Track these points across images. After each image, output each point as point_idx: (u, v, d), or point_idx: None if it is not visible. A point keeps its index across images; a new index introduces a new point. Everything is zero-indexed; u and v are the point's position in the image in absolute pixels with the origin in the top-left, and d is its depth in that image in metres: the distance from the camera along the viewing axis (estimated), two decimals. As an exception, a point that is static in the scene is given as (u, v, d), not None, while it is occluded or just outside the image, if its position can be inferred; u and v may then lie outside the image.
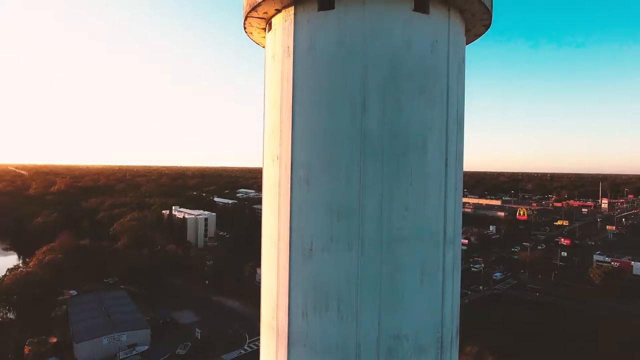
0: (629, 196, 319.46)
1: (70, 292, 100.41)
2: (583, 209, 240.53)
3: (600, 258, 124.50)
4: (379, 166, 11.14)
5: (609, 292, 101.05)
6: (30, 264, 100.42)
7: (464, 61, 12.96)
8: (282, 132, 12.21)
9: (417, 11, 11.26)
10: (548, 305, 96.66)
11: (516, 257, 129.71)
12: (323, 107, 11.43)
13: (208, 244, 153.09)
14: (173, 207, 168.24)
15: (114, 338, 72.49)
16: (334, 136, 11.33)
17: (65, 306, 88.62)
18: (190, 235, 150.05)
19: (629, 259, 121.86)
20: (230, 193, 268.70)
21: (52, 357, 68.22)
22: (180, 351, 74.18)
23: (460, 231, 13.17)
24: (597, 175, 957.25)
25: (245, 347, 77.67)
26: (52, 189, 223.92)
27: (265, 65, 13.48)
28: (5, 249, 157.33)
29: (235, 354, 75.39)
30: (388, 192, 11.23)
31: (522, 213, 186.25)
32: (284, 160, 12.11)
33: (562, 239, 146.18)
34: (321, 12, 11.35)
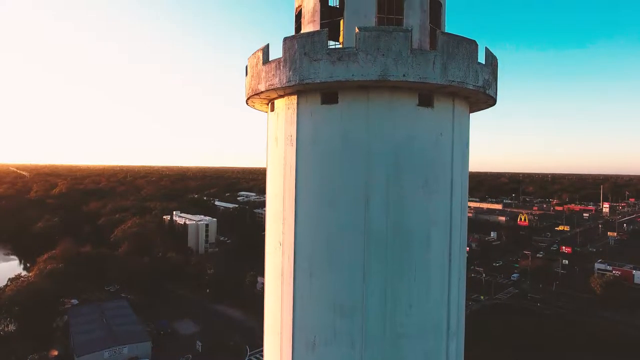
0: (630, 199, 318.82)
1: (71, 300, 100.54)
2: (584, 214, 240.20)
3: (602, 266, 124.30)
4: (383, 263, 11.14)
5: (610, 302, 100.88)
6: (32, 273, 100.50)
7: (468, 144, 12.93)
8: (285, 220, 12.23)
9: (421, 106, 11.24)
10: (549, 317, 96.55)
11: (517, 265, 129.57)
12: (326, 200, 11.41)
13: (209, 249, 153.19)
14: (174, 212, 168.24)
15: (115, 351, 72.60)
16: (338, 230, 11.31)
17: (66, 316, 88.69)
18: (191, 241, 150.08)
19: (631, 268, 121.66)
20: (231, 196, 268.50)
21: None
22: (181, 363, 74.34)
23: (464, 320, 13.19)
24: (598, 175, 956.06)
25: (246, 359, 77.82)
26: (53, 191, 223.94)
27: (268, 144, 13.47)
28: (7, 254, 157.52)
29: (236, 366, 75.55)
30: (392, 288, 11.26)
31: (523, 219, 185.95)
32: (287, 249, 12.14)
33: (564, 247, 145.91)
34: (325, 105, 11.32)
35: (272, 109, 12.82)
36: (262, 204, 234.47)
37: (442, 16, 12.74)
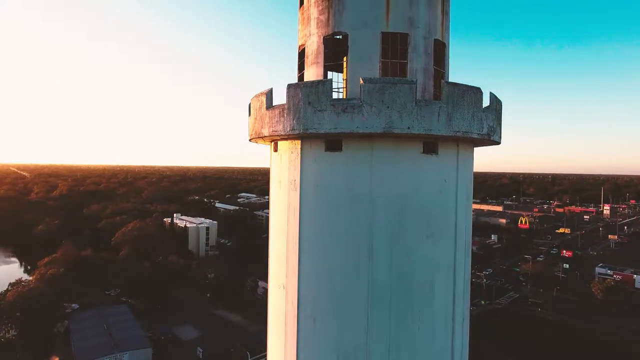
0: (631, 201, 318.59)
1: (72, 305, 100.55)
2: (585, 216, 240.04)
3: (603, 271, 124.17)
4: (387, 311, 11.11)
5: (610, 307, 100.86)
6: (33, 277, 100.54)
7: (471, 186, 12.89)
8: (288, 263, 12.21)
9: (426, 153, 11.20)
10: (549, 322, 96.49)
11: (518, 269, 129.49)
12: (330, 247, 11.38)
13: (209, 252, 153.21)
14: (174, 215, 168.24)
15: (115, 358, 72.59)
16: (342, 277, 11.28)
17: (67, 321, 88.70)
18: (191, 244, 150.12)
19: (632, 272, 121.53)
20: (232, 198, 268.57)
21: (55, 377, 68.44)
22: (182, 370, 74.30)
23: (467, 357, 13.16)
24: (599, 176, 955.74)
25: (247, 366, 77.76)
26: (54, 193, 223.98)
27: (271, 184, 13.43)
28: (8, 257, 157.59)
29: (236, 372, 75.51)
30: (395, 337, 11.22)
31: (523, 221, 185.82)
32: (291, 293, 12.12)
33: (564, 250, 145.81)
34: (328, 152, 11.28)
35: (276, 149, 12.80)
36: (263, 206, 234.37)
37: (446, 56, 12.71)
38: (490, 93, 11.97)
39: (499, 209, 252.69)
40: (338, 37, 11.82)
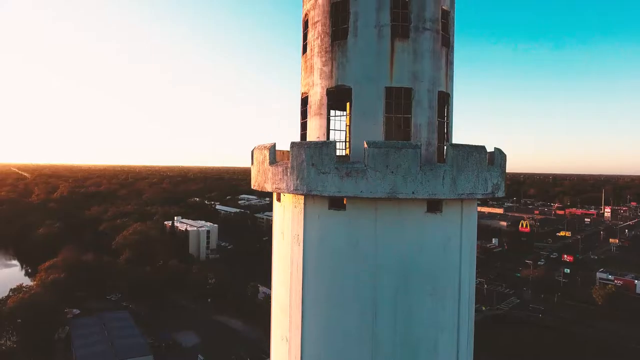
0: (632, 203, 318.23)
1: (73, 310, 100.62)
2: (586, 219, 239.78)
3: (604, 276, 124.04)
4: (391, 372, 11.01)
5: (611, 314, 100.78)
6: (34, 283, 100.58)
7: (475, 239, 12.80)
8: (291, 317, 12.14)
9: (430, 212, 11.12)
10: (551, 328, 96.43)
11: (519, 274, 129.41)
12: (334, 305, 11.31)
13: (210, 256, 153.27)
14: (175, 218, 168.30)
15: (116, 365, 72.62)
16: (345, 336, 11.21)
17: (67, 327, 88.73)
18: (192, 248, 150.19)
19: (633, 277, 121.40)
20: (232, 199, 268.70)
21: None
22: (183, 378, 74.32)
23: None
24: (600, 176, 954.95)
25: (248, 373, 77.78)
26: (55, 195, 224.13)
27: (274, 234, 13.37)
28: (9, 260, 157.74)
29: (237, 380, 75.50)
30: (399, 400, 11.13)
31: (524, 225, 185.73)
32: (294, 348, 12.05)
33: (565, 255, 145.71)
34: (332, 210, 11.21)
35: (279, 199, 12.74)
36: (263, 208, 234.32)
37: (450, 106, 12.63)
38: (495, 149, 11.90)
39: (500, 211, 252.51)
40: (341, 90, 11.78)
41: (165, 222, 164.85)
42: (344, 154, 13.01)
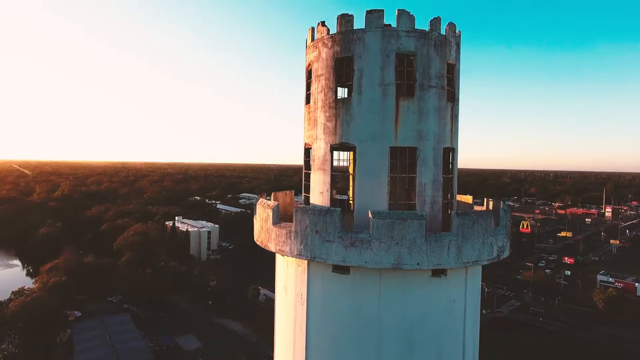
0: (633, 202, 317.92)
1: (74, 313, 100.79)
2: (587, 219, 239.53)
3: (604, 278, 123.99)
4: None
5: (612, 317, 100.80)
6: (35, 286, 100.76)
7: (479, 300, 12.68)
8: (296, 379, 12.05)
9: (434, 276, 11.03)
10: (551, 332, 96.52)
11: (519, 277, 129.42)
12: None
13: (211, 257, 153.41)
14: (176, 218, 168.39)
15: (118, 371, 72.84)
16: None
17: (69, 330, 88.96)
18: (193, 249, 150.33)
19: (633, 280, 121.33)
20: (233, 198, 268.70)
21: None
22: (184, 383, 74.52)
23: None
24: (601, 173, 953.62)
25: (249, 379, 77.96)
26: (56, 193, 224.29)
27: (277, 287, 13.27)
28: (10, 260, 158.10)
29: (238, 385, 75.68)
30: None
31: (525, 226, 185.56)
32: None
33: (566, 257, 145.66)
34: (335, 273, 11.11)
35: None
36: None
37: (455, 159, 12.50)
38: (503, 203, 11.79)
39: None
40: (345, 147, 11.65)
41: (166, 223, 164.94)
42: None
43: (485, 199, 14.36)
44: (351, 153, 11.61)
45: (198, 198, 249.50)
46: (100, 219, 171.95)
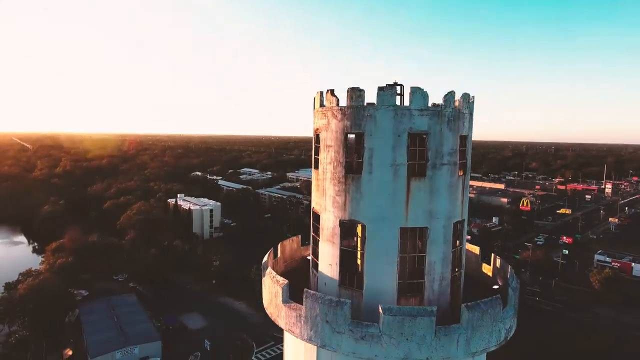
0: (633, 178, 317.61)
1: (81, 292, 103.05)
2: (587, 195, 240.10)
3: (602, 258, 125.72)
4: None
5: (607, 298, 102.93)
6: (42, 268, 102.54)
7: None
8: None
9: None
10: (546, 312, 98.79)
11: (517, 256, 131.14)
12: None
13: (214, 234, 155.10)
14: (178, 196, 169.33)
15: (127, 351, 75.05)
16: None
17: (77, 310, 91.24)
18: (196, 227, 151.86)
19: (630, 260, 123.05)
20: (234, 174, 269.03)
21: (69, 370, 71.31)
22: (190, 362, 77.01)
23: None
24: (603, 145, 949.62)
25: (253, 358, 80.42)
26: (57, 170, 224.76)
27: (286, 348, 13.50)
28: (16, 237, 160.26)
29: (243, 364, 78.19)
30: None
31: (525, 203, 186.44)
32: None
33: (564, 237, 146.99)
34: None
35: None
36: (265, 184, 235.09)
37: (464, 230, 12.45)
38: (510, 271, 11.83)
39: (501, 186, 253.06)
40: (354, 223, 11.57)
41: (169, 200, 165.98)
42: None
43: (492, 255, 14.42)
44: (360, 227, 11.56)
45: (199, 174, 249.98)
46: (102, 196, 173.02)
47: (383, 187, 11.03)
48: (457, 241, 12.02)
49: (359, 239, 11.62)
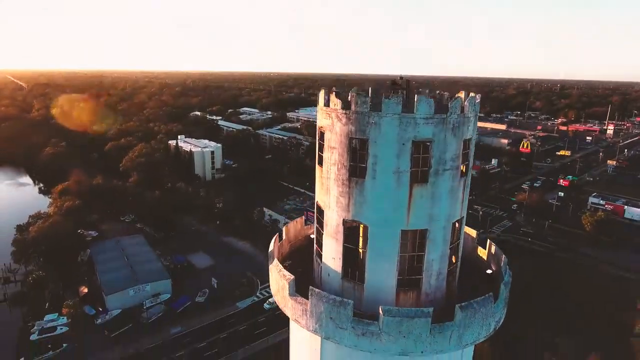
0: (637, 119, 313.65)
1: (90, 232, 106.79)
2: (587, 137, 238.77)
3: (596, 200, 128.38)
4: None
5: (597, 239, 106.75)
6: (50, 210, 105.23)
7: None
8: None
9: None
10: (536, 252, 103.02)
11: (514, 198, 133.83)
12: None
13: (216, 176, 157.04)
14: (179, 137, 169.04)
15: (139, 289, 79.67)
16: None
17: (88, 250, 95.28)
18: (197, 168, 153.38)
19: (623, 203, 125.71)
20: (234, 113, 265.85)
21: (87, 306, 76.28)
22: (199, 299, 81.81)
23: None
24: (609, 83, 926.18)
25: (258, 294, 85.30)
26: (55, 110, 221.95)
27: (292, 337, 14.68)
28: (21, 178, 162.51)
29: (249, 301, 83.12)
30: None
31: (525, 145, 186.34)
32: None
33: (561, 180, 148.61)
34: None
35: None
36: (265, 124, 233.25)
37: (462, 226, 13.03)
38: (504, 261, 12.55)
39: (503, 127, 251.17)
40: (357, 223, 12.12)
41: (169, 142, 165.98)
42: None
43: (488, 241, 15.19)
44: (362, 227, 12.16)
45: (199, 114, 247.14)
46: (103, 137, 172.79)
47: (386, 193, 11.43)
48: (456, 238, 12.68)
49: (361, 238, 12.26)
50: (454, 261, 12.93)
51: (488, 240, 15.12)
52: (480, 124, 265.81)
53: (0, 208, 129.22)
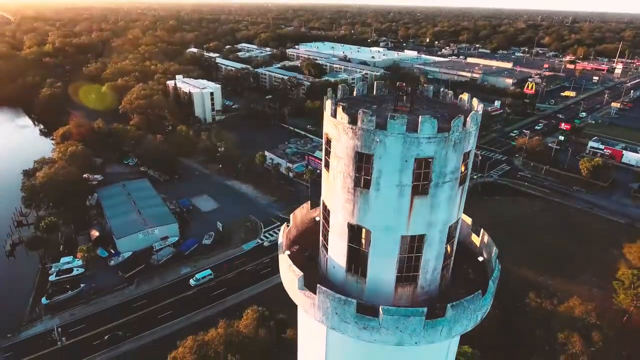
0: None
1: (96, 176, 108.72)
2: (594, 77, 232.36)
3: (595, 145, 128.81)
4: None
5: (592, 184, 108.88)
6: (54, 156, 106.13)
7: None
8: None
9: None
10: (530, 196, 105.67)
11: (514, 143, 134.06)
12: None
13: (216, 118, 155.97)
14: (177, 77, 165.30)
15: (147, 232, 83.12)
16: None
17: (96, 194, 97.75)
18: (198, 110, 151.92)
19: (622, 147, 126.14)
20: (232, 50, 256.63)
21: (99, 248, 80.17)
22: (206, 241, 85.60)
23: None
24: (624, 15, 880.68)
25: (261, 237, 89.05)
26: (47, 47, 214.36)
27: (300, 329, 16.42)
28: (20, 119, 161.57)
29: (253, 243, 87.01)
30: None
31: (529, 87, 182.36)
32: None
33: (563, 123, 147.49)
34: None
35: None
36: (265, 63, 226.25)
37: (458, 227, 14.10)
38: (494, 253, 13.79)
39: (509, 65, 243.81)
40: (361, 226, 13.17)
41: (167, 83, 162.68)
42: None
43: (481, 230, 16.41)
44: (365, 231, 13.27)
45: (195, 51, 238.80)
46: (99, 77, 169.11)
47: (389, 203, 12.36)
48: (451, 238, 13.85)
49: (364, 240, 13.41)
50: (448, 258, 14.23)
51: (482, 230, 16.33)
52: (485, 61, 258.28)
53: (4, 151, 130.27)
